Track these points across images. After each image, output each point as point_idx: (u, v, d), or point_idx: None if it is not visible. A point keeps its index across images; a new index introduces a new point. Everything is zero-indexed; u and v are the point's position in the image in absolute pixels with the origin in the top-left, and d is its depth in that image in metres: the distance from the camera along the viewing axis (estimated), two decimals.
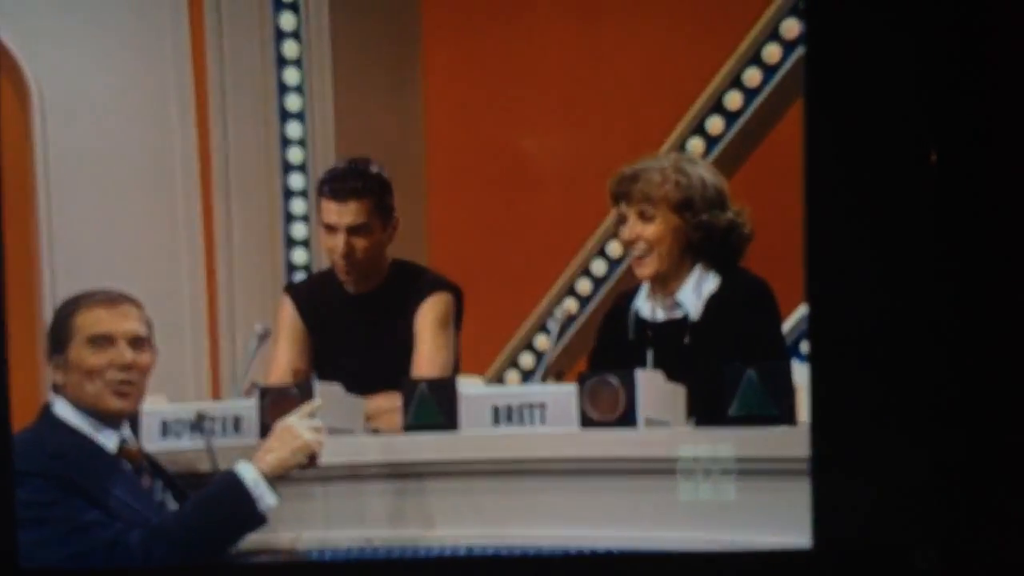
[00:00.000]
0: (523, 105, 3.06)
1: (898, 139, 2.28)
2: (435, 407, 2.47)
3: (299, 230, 3.20)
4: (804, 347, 2.82)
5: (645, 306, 2.62)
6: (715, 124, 3.02)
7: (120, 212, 3.12)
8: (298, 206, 3.21)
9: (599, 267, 3.10)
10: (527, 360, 3.11)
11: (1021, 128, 2.31)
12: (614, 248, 3.02)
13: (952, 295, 2.28)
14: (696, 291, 2.57)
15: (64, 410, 2.34)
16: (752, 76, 3.01)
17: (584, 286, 3.11)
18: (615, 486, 2.36)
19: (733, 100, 3.02)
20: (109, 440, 2.34)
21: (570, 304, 3.01)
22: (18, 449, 2.29)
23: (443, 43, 3.14)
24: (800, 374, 2.39)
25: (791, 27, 2.95)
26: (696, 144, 3.03)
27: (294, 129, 3.20)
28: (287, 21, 3.21)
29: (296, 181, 3.21)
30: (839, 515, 2.25)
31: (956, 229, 2.30)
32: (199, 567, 2.30)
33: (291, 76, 3.21)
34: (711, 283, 2.57)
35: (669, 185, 2.52)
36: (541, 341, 3.06)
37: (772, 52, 2.99)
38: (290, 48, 3.20)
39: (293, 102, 3.20)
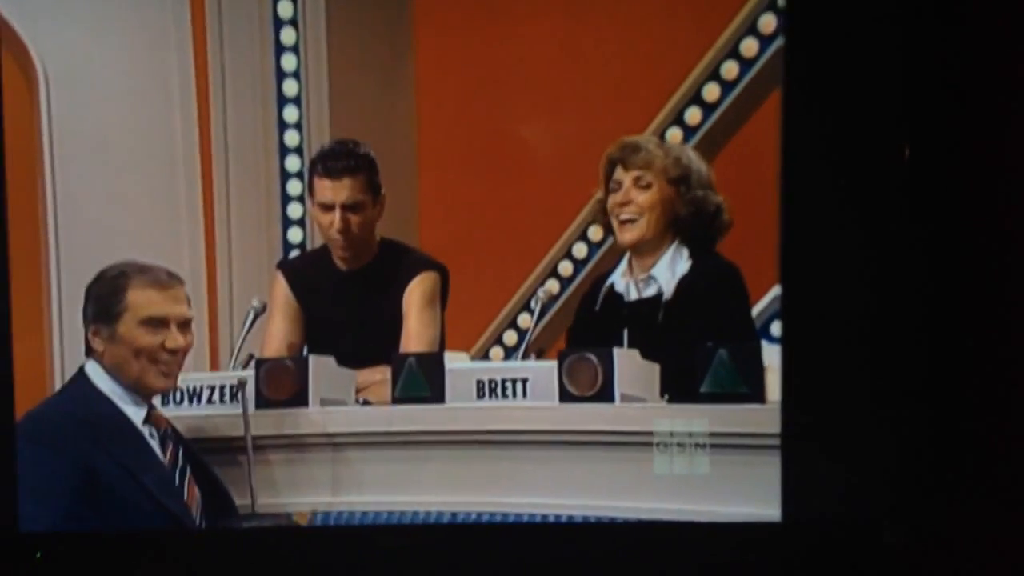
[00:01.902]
0: (511, 93, 3.11)
1: (872, 131, 2.34)
2: (422, 380, 2.56)
3: (295, 210, 3.25)
4: (774, 329, 2.87)
5: (620, 283, 2.72)
6: (694, 115, 3.11)
7: (124, 191, 3.16)
8: (294, 187, 3.26)
9: (580, 250, 3.18)
10: (511, 337, 3.18)
11: (992, 121, 2.38)
12: (594, 232, 3.11)
13: (922, 278, 2.36)
14: (670, 269, 2.67)
15: (97, 375, 2.41)
16: (730, 69, 3.09)
17: (566, 268, 3.19)
18: (592, 457, 2.45)
19: (711, 92, 3.10)
20: (139, 407, 2.41)
21: (551, 285, 3.13)
22: (53, 417, 2.36)
23: (434, 33, 3.19)
24: (769, 354, 2.48)
25: (768, 22, 3.02)
26: (675, 133, 3.12)
27: (291, 113, 3.26)
28: (285, 9, 3.25)
29: (292, 163, 3.26)
30: (809, 490, 2.32)
31: (926, 216, 2.37)
32: (195, 530, 2.39)
33: (288, 62, 3.26)
34: (684, 264, 2.68)
35: (670, 159, 2.66)
36: (524, 319, 3.12)
37: (749, 46, 3.07)
38: (288, 35, 3.26)
39: (290, 87, 3.26)
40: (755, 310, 2.77)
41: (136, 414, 2.41)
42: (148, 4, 3.21)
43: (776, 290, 2.83)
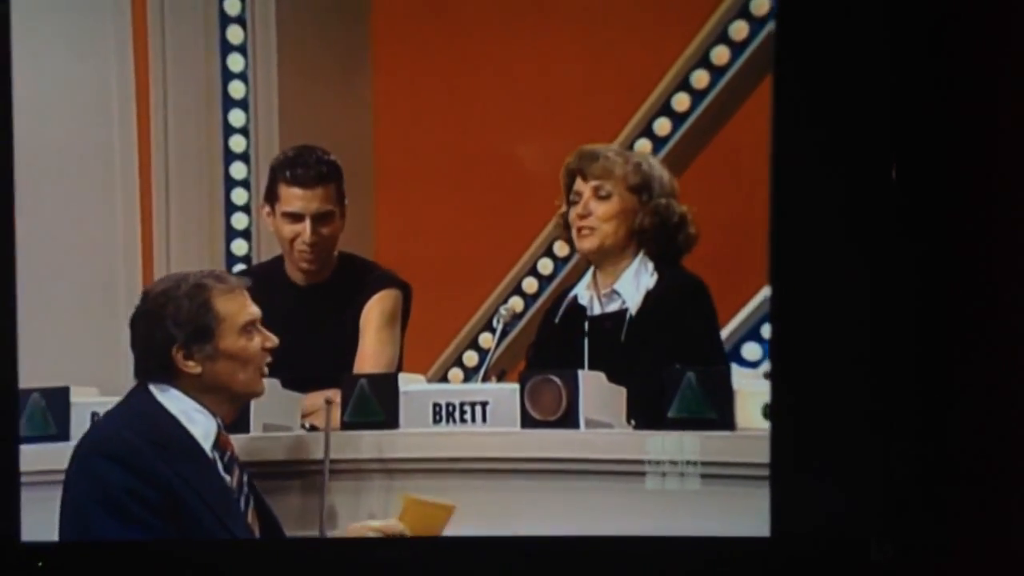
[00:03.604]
0: (471, 103, 3.06)
1: (860, 145, 2.33)
2: (374, 404, 2.47)
3: (240, 220, 3.15)
4: (745, 351, 2.84)
5: (584, 295, 2.66)
6: (663, 125, 3.07)
7: (56, 196, 3.01)
8: (240, 196, 3.16)
9: (545, 266, 3.11)
10: (471, 358, 3.11)
11: (981, 125, 2.37)
12: (560, 248, 3.05)
13: (911, 298, 2.36)
14: (634, 282, 2.61)
15: (167, 396, 2.31)
16: (700, 78, 3.05)
17: (530, 285, 3.12)
18: (555, 487, 2.38)
19: (681, 102, 3.06)
20: (209, 429, 2.31)
21: (515, 303, 3.05)
22: (129, 437, 2.26)
23: (392, 38, 3.12)
24: (739, 378, 2.44)
25: (740, 28, 3.00)
26: (643, 145, 3.06)
27: (237, 117, 3.16)
28: (232, 6, 3.16)
29: (238, 170, 3.17)
30: (797, 506, 2.31)
31: (916, 233, 2.36)
32: (183, 541, 2.29)
33: (235, 62, 3.16)
34: (649, 278, 2.61)
35: (630, 166, 2.61)
36: (486, 339, 3.05)
37: (720, 54, 3.03)
38: (234, 33, 3.16)
39: (237, 89, 3.16)
40: (727, 330, 2.73)
41: (205, 437, 2.31)
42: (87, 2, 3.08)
43: (748, 309, 2.83)
